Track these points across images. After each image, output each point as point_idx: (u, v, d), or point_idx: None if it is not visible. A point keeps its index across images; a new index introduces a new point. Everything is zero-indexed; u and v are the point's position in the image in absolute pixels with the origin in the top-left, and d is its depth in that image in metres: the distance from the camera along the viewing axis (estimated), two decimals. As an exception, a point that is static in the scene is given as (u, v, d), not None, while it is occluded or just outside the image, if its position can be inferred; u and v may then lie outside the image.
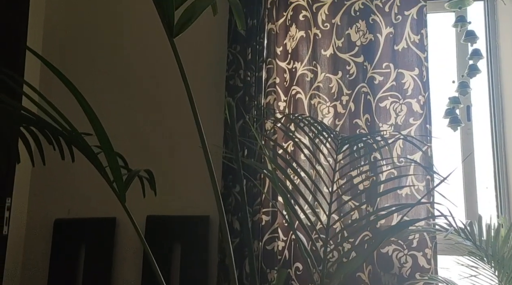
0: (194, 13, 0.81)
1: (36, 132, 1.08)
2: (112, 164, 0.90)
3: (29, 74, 1.84)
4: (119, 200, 0.95)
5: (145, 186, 1.18)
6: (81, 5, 2.12)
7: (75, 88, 0.87)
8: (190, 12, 0.81)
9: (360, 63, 1.85)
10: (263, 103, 1.86)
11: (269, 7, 1.89)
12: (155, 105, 2.02)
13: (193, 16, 0.81)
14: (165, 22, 0.78)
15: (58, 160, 1.13)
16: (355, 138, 1.12)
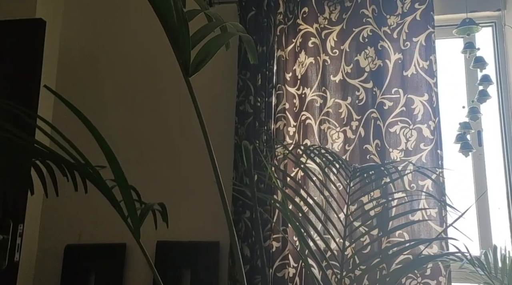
0: (209, 52, 0.83)
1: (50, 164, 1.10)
2: (126, 199, 0.90)
3: (43, 106, 1.87)
4: (132, 235, 0.96)
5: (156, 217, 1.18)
6: (95, 41, 2.15)
7: (91, 124, 0.88)
8: (205, 51, 0.83)
9: (369, 89, 1.86)
10: (272, 128, 1.87)
11: (278, 34, 1.92)
12: (165, 132, 2.04)
13: (208, 55, 0.83)
14: (181, 62, 0.80)
15: (68, 187, 1.15)
16: (368, 169, 1.12)
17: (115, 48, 2.12)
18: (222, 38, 0.86)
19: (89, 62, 2.12)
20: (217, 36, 0.87)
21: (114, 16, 2.14)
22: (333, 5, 1.95)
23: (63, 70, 2.10)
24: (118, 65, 2.11)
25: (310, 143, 1.88)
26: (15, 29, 1.83)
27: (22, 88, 1.79)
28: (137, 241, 0.94)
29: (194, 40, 0.83)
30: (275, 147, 1.87)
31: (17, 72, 1.80)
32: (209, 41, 0.85)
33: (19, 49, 1.81)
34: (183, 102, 2.03)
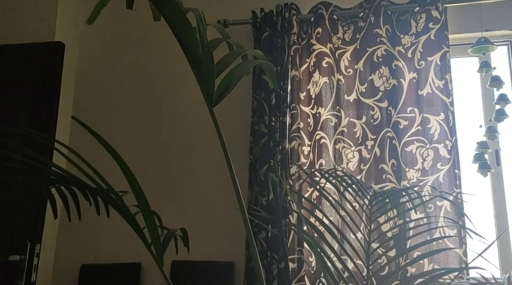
0: (231, 82, 0.84)
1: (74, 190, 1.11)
2: (150, 226, 0.91)
3: (60, 125, 1.89)
4: (155, 260, 0.96)
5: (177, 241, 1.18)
6: (112, 64, 2.16)
7: (116, 153, 0.89)
8: (227, 81, 0.84)
9: (384, 108, 1.86)
10: (287, 148, 1.87)
11: (292, 54, 1.93)
12: (181, 153, 2.05)
13: (231, 85, 0.84)
14: (205, 92, 0.81)
15: (84, 207, 1.15)
16: (389, 194, 1.11)
17: (131, 71, 2.15)
18: (243, 67, 0.87)
19: (106, 85, 2.14)
20: (239, 65, 0.88)
21: (131, 40, 2.18)
22: (347, 25, 1.97)
23: (80, 91, 2.13)
24: (135, 87, 2.13)
25: (325, 162, 1.87)
26: (36, 51, 1.87)
27: (41, 109, 1.83)
28: (160, 268, 0.94)
29: (217, 70, 0.84)
30: (290, 166, 1.86)
31: (37, 93, 1.84)
32: (231, 70, 0.86)
33: (39, 71, 1.85)
34: (203, 124, 2.03)
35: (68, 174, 1.06)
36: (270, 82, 1.03)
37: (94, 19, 0.55)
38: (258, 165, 1.88)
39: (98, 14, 0.55)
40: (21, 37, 1.92)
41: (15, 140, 1.70)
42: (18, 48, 1.88)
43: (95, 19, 0.56)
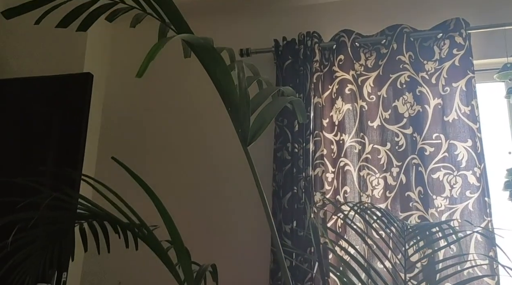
0: (264, 121, 0.85)
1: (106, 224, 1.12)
2: (184, 263, 0.91)
3: (87, 155, 1.92)
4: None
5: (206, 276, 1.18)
6: (138, 95, 2.18)
7: (152, 192, 0.90)
8: (260, 120, 0.85)
9: (409, 135, 1.84)
10: (311, 175, 1.86)
11: (314, 81, 1.95)
12: (207, 185, 2.04)
13: (264, 123, 0.85)
14: (240, 132, 0.82)
15: (111, 237, 1.16)
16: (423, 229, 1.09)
17: (159, 103, 2.15)
18: (275, 106, 0.88)
19: (133, 116, 2.16)
20: (271, 104, 0.89)
21: (159, 72, 2.21)
22: (369, 52, 1.98)
23: (107, 121, 2.16)
24: (162, 120, 2.13)
25: (349, 190, 1.85)
26: (65, 83, 1.93)
27: (69, 140, 1.87)
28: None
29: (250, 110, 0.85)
30: (314, 194, 1.85)
31: (65, 124, 1.89)
32: (264, 109, 0.87)
33: (68, 102, 1.91)
34: (232, 157, 2.02)
35: (99, 209, 1.07)
36: (299, 117, 1.03)
37: (143, 72, 0.57)
38: (281, 192, 1.88)
39: (147, 67, 0.57)
40: (50, 68, 1.99)
41: (45, 175, 1.75)
42: (47, 80, 1.95)
43: (144, 72, 0.57)
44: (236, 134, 1.37)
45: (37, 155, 1.85)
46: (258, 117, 0.85)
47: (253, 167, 0.85)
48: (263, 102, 0.89)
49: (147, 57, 0.58)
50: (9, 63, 2.03)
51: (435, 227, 1.06)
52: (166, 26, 0.96)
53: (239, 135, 0.83)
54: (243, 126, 0.80)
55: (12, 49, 2.07)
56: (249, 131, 0.82)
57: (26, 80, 1.95)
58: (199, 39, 0.67)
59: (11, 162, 1.87)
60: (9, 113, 1.93)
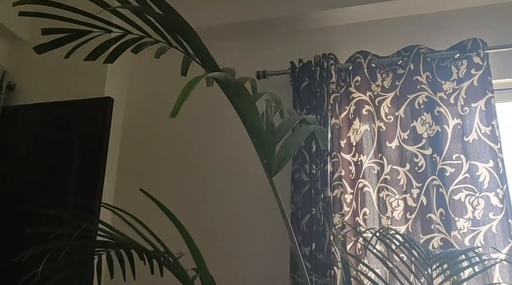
0: (289, 152, 0.86)
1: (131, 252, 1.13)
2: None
3: (106, 183, 1.94)
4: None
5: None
6: (157, 119, 2.18)
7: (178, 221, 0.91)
8: (285, 150, 0.86)
9: (429, 155, 1.82)
10: (329, 196, 1.85)
11: (331, 102, 1.95)
12: (227, 211, 2.03)
13: (288, 154, 0.86)
14: (265, 163, 0.83)
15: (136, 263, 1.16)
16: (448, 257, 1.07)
17: (177, 128, 2.15)
18: (299, 136, 0.88)
19: (151, 139, 2.16)
20: (295, 134, 0.89)
21: (175, 98, 2.23)
22: (385, 72, 1.98)
23: (126, 145, 2.16)
24: (181, 144, 2.13)
25: (368, 211, 1.84)
26: (85, 107, 1.97)
27: (90, 162, 1.90)
28: None
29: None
30: (333, 216, 1.84)
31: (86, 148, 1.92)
32: (288, 140, 0.88)
33: (88, 126, 1.94)
34: (252, 183, 2.01)
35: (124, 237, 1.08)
36: (321, 144, 1.04)
37: (177, 112, 0.58)
38: (299, 214, 1.87)
39: (180, 107, 0.59)
40: (71, 93, 2.03)
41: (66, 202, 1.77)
42: (69, 105, 1.99)
43: (177, 112, 0.59)
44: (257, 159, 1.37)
45: (58, 179, 1.88)
46: (282, 147, 0.86)
47: (278, 198, 0.85)
48: (287, 132, 0.90)
49: (180, 98, 0.60)
50: (31, 89, 2.09)
51: (461, 255, 1.04)
52: (189, 58, 0.99)
53: (264, 166, 0.84)
54: (269, 158, 0.81)
55: (34, 75, 2.13)
56: (274, 162, 0.83)
57: (47, 105, 2.00)
58: (227, 76, 0.68)
59: (32, 187, 1.90)
60: (31, 138, 1.97)
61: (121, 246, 1.08)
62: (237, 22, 2.16)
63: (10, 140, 1.96)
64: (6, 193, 1.91)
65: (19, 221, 1.83)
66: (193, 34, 0.76)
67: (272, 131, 0.78)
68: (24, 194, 1.88)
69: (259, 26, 2.18)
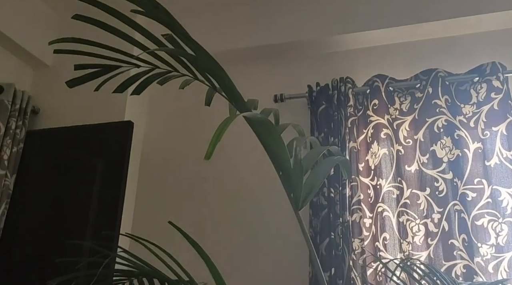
0: (314, 185, 0.86)
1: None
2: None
3: (125, 207, 1.96)
4: None
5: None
6: (176, 144, 2.18)
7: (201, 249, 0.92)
8: (310, 184, 0.86)
9: (450, 180, 1.80)
10: (348, 221, 1.84)
11: (349, 126, 1.95)
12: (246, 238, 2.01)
13: (314, 187, 0.86)
14: (292, 197, 0.83)
15: None
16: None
17: (196, 153, 2.15)
18: (324, 168, 0.89)
19: (170, 163, 2.16)
20: (319, 166, 0.90)
21: (196, 122, 2.23)
22: (403, 96, 1.98)
23: (144, 168, 2.17)
24: (199, 169, 2.12)
25: (389, 237, 1.81)
26: (106, 131, 2.01)
27: (110, 185, 1.93)
28: None
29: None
30: (352, 240, 1.82)
31: (107, 170, 1.95)
32: (313, 172, 0.88)
33: (108, 149, 1.98)
34: (271, 207, 1.99)
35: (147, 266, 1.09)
36: (344, 174, 1.04)
37: (211, 155, 0.60)
38: (318, 238, 1.85)
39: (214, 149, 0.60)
40: (92, 117, 2.08)
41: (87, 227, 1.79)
42: (90, 128, 2.03)
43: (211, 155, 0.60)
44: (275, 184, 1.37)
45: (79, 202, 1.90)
46: (308, 181, 0.87)
47: (304, 229, 0.85)
48: (312, 164, 0.90)
49: (213, 140, 0.61)
50: (54, 113, 2.14)
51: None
52: (214, 90, 1.01)
53: (290, 199, 0.84)
54: (295, 192, 0.82)
55: (56, 99, 2.18)
56: (301, 196, 0.84)
57: (70, 129, 2.04)
58: (257, 115, 0.70)
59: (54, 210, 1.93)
60: (53, 161, 2.01)
61: (144, 275, 1.09)
62: (255, 47, 2.19)
63: (33, 163, 2.00)
64: (28, 216, 1.94)
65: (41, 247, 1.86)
66: (223, 73, 0.78)
67: (300, 168, 0.78)
68: (46, 217, 1.91)
69: (276, 50, 2.21)
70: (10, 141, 1.91)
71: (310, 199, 0.85)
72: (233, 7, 2.29)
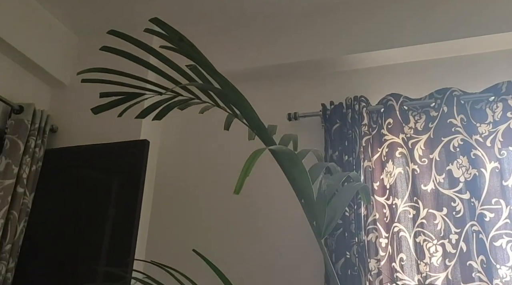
0: (336, 212, 0.86)
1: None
2: None
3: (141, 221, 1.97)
4: None
5: None
6: (190, 162, 2.19)
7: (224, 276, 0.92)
8: (332, 211, 0.87)
9: (467, 200, 1.78)
10: (364, 240, 1.82)
11: (364, 145, 1.95)
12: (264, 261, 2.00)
13: (336, 215, 0.86)
14: (314, 225, 0.84)
15: None
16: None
17: (209, 173, 2.16)
18: (346, 196, 0.89)
19: (184, 181, 2.17)
20: (341, 194, 0.90)
21: (210, 141, 2.24)
22: (418, 114, 1.98)
23: (159, 187, 2.18)
24: (213, 190, 2.12)
25: (405, 257, 1.79)
26: (122, 149, 2.04)
27: (126, 203, 1.95)
28: None
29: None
30: (368, 261, 1.80)
31: (123, 188, 1.97)
32: (334, 200, 0.89)
33: (124, 167, 2.00)
34: (288, 230, 1.98)
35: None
36: (364, 200, 1.04)
37: (240, 189, 0.61)
38: (334, 257, 1.84)
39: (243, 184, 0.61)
40: (109, 136, 2.11)
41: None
42: (107, 147, 2.06)
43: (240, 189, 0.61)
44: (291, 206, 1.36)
45: (96, 220, 1.92)
46: (330, 209, 0.87)
47: (326, 257, 0.85)
48: (334, 191, 0.91)
49: (242, 175, 0.62)
50: (71, 131, 2.18)
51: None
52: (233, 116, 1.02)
53: (313, 228, 0.84)
54: (318, 220, 0.82)
55: (74, 118, 2.22)
56: (324, 224, 0.84)
57: (87, 147, 2.08)
58: (283, 148, 0.71)
59: (73, 227, 1.95)
60: (71, 179, 2.04)
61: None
62: (270, 65, 2.21)
63: (51, 181, 2.03)
64: (46, 234, 1.96)
65: (59, 265, 1.88)
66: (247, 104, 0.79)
67: (324, 197, 0.79)
68: (63, 235, 1.93)
69: (290, 68, 2.23)
70: (29, 160, 1.94)
71: (334, 225, 0.85)
72: (248, 27, 2.33)
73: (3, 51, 2.03)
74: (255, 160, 0.63)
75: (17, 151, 1.89)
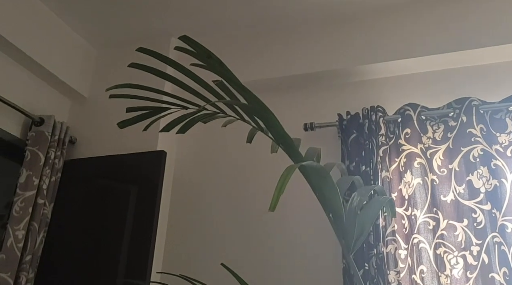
0: (364, 227, 0.86)
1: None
2: None
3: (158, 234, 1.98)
4: None
5: None
6: (206, 173, 2.19)
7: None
8: (361, 227, 0.86)
9: (488, 211, 1.76)
10: (383, 252, 1.80)
11: (381, 155, 1.94)
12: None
13: (364, 229, 0.86)
14: (343, 241, 0.83)
15: None
16: None
17: (226, 184, 2.15)
18: (373, 211, 0.89)
19: (200, 192, 2.16)
20: (367, 209, 0.90)
21: (226, 153, 2.23)
22: (436, 124, 1.96)
23: (176, 198, 2.18)
24: (229, 200, 2.11)
25: (426, 269, 1.77)
26: (140, 160, 2.06)
27: (144, 213, 1.96)
28: None
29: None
30: (388, 273, 1.78)
31: (140, 197, 1.99)
32: (361, 215, 0.88)
33: (144, 177, 2.02)
34: (308, 243, 1.98)
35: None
36: (389, 213, 1.03)
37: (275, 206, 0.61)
38: (352, 269, 1.82)
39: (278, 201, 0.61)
40: (127, 147, 2.13)
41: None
42: (125, 158, 2.08)
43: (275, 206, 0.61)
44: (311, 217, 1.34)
45: (114, 231, 1.94)
46: (358, 224, 0.87)
47: (356, 273, 0.85)
48: (361, 205, 0.90)
49: (276, 193, 0.63)
50: (91, 143, 2.21)
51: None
52: (256, 130, 1.03)
53: (341, 243, 0.84)
54: (347, 236, 0.82)
55: (93, 130, 2.25)
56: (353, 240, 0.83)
57: (105, 158, 2.10)
58: (313, 164, 0.71)
59: (92, 237, 1.97)
60: (89, 190, 2.06)
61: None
62: (286, 76, 2.22)
63: (70, 192, 2.06)
64: (65, 244, 1.98)
65: (78, 276, 1.89)
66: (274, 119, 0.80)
67: (354, 213, 0.79)
68: (82, 245, 1.95)
69: (307, 79, 2.23)
70: (49, 171, 1.97)
71: (362, 241, 0.85)
72: (264, 37, 2.34)
73: (24, 64, 2.07)
74: (288, 177, 0.64)
75: (38, 163, 1.92)
